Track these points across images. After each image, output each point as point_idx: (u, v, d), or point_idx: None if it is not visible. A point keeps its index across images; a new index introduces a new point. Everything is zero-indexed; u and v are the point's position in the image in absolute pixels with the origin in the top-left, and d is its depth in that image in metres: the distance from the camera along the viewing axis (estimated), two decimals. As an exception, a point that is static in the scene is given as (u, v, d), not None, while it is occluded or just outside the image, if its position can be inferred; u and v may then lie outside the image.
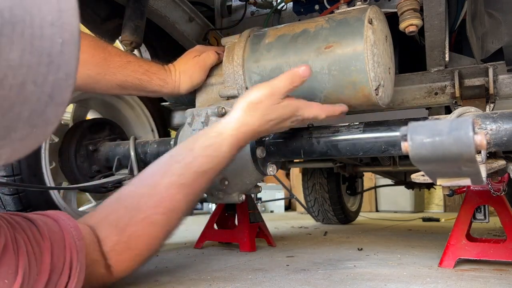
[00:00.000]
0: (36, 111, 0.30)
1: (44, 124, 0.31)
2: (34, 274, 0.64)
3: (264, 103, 0.89)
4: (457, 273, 1.06)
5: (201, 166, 0.87)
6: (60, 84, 0.31)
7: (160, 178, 0.87)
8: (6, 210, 1.17)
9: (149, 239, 0.85)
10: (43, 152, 1.22)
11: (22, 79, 0.29)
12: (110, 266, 0.83)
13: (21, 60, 0.28)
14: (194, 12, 1.43)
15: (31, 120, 0.30)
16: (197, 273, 1.09)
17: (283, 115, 0.92)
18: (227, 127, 0.89)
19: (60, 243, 0.70)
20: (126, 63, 1.09)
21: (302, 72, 0.88)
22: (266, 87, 0.90)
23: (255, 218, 1.58)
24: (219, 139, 0.88)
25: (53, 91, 0.30)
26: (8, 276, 0.59)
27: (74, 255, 0.71)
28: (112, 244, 0.82)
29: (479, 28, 1.15)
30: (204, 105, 1.19)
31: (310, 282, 0.97)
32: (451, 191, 1.22)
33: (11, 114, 0.29)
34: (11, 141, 0.30)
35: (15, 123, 0.30)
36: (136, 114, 1.62)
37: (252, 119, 0.89)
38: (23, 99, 0.29)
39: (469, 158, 0.47)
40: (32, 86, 0.29)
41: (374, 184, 4.56)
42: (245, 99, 0.90)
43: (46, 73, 0.30)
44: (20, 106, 0.29)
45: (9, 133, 0.30)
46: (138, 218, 0.84)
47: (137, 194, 0.86)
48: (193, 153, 0.88)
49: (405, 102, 1.27)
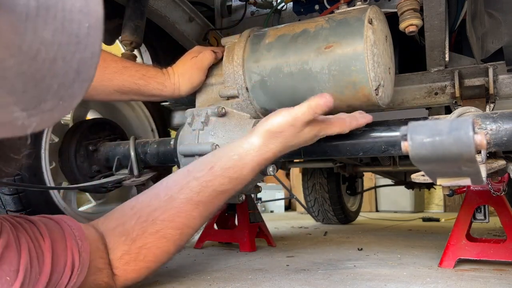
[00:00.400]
0: (64, 84, 0.34)
1: (70, 97, 0.35)
2: (36, 274, 0.64)
3: (285, 133, 0.86)
4: (457, 273, 1.06)
5: (221, 186, 0.86)
6: (86, 62, 0.34)
7: (177, 192, 0.86)
8: (6, 210, 1.17)
9: (159, 252, 0.85)
10: (43, 152, 1.22)
11: (54, 55, 0.32)
12: (115, 275, 0.82)
13: (53, 38, 0.32)
14: (194, 12, 1.43)
15: (59, 93, 0.34)
16: (197, 273, 1.09)
17: (306, 139, 0.89)
18: (249, 153, 0.87)
19: (60, 244, 0.70)
20: (122, 68, 1.09)
21: (324, 103, 0.83)
22: (287, 116, 0.85)
23: (255, 218, 1.58)
24: (241, 163, 0.87)
25: (79, 67, 0.34)
26: (10, 274, 0.60)
27: (76, 256, 0.72)
28: (121, 253, 0.82)
29: (479, 28, 1.15)
30: (204, 105, 1.19)
31: (310, 282, 0.97)
32: (451, 191, 1.22)
33: (42, 86, 0.33)
34: (41, 110, 0.33)
35: (45, 94, 0.33)
36: (136, 114, 1.62)
37: (273, 146, 0.87)
38: (53, 73, 0.33)
39: (469, 158, 0.47)
40: (62, 62, 0.33)
41: (374, 184, 4.56)
42: (265, 127, 0.87)
43: (74, 51, 0.33)
44: (50, 79, 0.33)
45: (39, 103, 0.33)
46: (152, 231, 0.83)
47: (152, 206, 0.86)
48: (213, 172, 0.86)
49: (405, 102, 1.27)
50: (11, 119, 0.32)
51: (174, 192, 0.86)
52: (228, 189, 0.88)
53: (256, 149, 0.87)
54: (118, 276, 0.83)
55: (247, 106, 1.12)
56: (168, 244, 0.85)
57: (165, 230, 0.84)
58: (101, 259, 0.79)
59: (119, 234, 0.83)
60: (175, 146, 1.16)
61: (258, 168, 0.88)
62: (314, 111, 0.84)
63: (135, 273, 0.84)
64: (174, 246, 0.87)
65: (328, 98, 0.83)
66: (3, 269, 0.59)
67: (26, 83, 0.32)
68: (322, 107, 0.83)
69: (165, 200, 0.85)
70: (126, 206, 0.89)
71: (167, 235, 0.84)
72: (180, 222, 0.85)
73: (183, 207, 0.85)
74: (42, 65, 0.32)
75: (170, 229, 0.84)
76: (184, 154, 1.11)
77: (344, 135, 1.01)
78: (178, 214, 0.85)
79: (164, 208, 0.85)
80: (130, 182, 1.27)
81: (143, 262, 0.84)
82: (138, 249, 0.83)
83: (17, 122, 0.32)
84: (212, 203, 0.88)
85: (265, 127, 0.87)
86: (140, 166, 1.30)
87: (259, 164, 0.88)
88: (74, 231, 0.74)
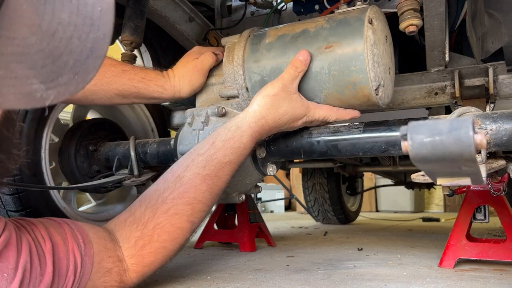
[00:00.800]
0: (79, 61, 0.37)
1: (84, 73, 0.38)
2: (39, 275, 0.64)
3: (279, 95, 0.95)
4: (457, 273, 1.06)
5: (225, 157, 0.91)
6: (98, 41, 0.38)
7: (183, 171, 0.89)
8: (6, 210, 1.17)
9: (173, 229, 0.85)
10: (43, 152, 1.22)
11: (70, 34, 0.36)
12: (128, 269, 0.82)
13: (69, 19, 0.36)
14: (194, 12, 1.43)
15: (74, 68, 0.37)
16: (197, 273, 1.09)
17: (296, 109, 0.97)
18: (245, 121, 0.94)
19: (63, 248, 0.70)
20: (121, 72, 1.09)
21: (301, 56, 0.96)
22: (278, 81, 0.97)
23: (255, 218, 1.58)
24: (239, 132, 0.92)
25: (93, 46, 0.38)
26: (8, 271, 0.60)
27: (78, 259, 0.71)
28: (135, 239, 0.83)
29: (479, 28, 1.15)
30: (204, 105, 1.19)
31: (310, 282, 0.97)
32: (451, 191, 1.22)
33: (59, 62, 0.36)
34: (58, 84, 0.36)
35: (62, 70, 0.36)
36: (136, 114, 1.62)
37: (267, 113, 0.95)
38: (69, 51, 0.36)
39: (469, 158, 0.47)
40: (77, 40, 0.37)
41: (374, 184, 4.56)
42: (261, 94, 0.97)
43: (88, 32, 0.37)
44: (67, 56, 0.36)
45: (57, 77, 0.36)
46: (163, 210, 0.85)
47: (161, 189, 0.88)
48: (215, 146, 0.91)
49: (405, 102, 1.27)
50: (31, 90, 0.35)
51: (181, 171, 0.89)
52: (232, 159, 0.92)
53: (251, 116, 0.94)
54: (134, 264, 0.82)
55: (247, 106, 1.11)
56: (181, 219, 0.86)
57: (176, 207, 0.86)
58: (109, 258, 0.78)
59: (130, 224, 0.84)
60: (175, 146, 1.16)
61: (256, 135, 0.95)
62: (296, 67, 0.96)
63: (152, 255, 0.84)
64: (188, 222, 0.87)
65: (304, 53, 0.96)
66: (0, 266, 0.60)
67: (45, 59, 0.35)
68: (301, 62, 0.96)
69: (173, 180, 0.88)
70: (136, 200, 0.90)
71: (178, 211, 0.86)
72: (190, 197, 0.87)
73: (191, 183, 0.87)
74: (60, 43, 0.36)
75: (181, 205, 0.86)
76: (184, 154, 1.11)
77: (344, 135, 1.01)
78: (187, 190, 0.87)
79: (173, 188, 0.87)
80: (130, 182, 1.27)
81: (158, 242, 0.84)
82: (151, 231, 0.84)
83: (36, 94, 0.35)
84: (218, 176, 0.91)
85: (260, 94, 0.97)
86: (140, 166, 1.30)
87: (255, 131, 0.94)
88: (77, 234, 0.74)
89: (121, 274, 0.80)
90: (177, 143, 1.14)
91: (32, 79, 0.35)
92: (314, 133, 1.05)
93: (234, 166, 0.94)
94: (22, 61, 0.34)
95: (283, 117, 0.96)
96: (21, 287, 0.61)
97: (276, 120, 0.96)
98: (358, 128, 1.00)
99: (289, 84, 0.96)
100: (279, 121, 0.96)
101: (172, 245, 0.86)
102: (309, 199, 2.88)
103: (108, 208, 1.58)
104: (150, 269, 0.85)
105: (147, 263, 0.84)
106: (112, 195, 1.60)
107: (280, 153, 1.09)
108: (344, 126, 1.03)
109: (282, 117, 0.96)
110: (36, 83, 0.35)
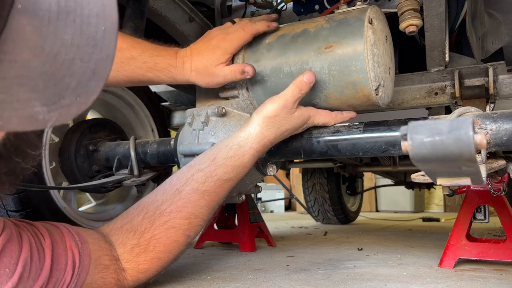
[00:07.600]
0: (82, 82, 0.37)
1: (87, 94, 0.37)
2: (37, 269, 0.66)
3: (279, 116, 0.95)
4: (457, 273, 1.06)
5: (225, 174, 0.91)
6: (101, 62, 0.37)
7: (182, 185, 0.89)
8: (6, 210, 1.17)
9: (169, 242, 0.86)
10: (43, 152, 1.22)
11: (72, 56, 0.35)
12: (126, 269, 0.83)
13: (72, 40, 0.35)
14: (194, 12, 1.43)
15: (77, 90, 0.36)
16: (197, 273, 1.09)
17: (297, 124, 0.98)
18: (248, 141, 0.94)
19: (61, 244, 0.73)
20: (129, 58, 0.99)
21: (306, 78, 0.94)
22: (279, 100, 0.95)
23: (255, 218, 1.58)
24: (241, 151, 0.93)
25: (95, 67, 0.37)
26: (10, 266, 0.62)
27: (76, 255, 0.74)
28: (131, 246, 0.84)
29: (479, 28, 1.15)
30: (204, 105, 1.19)
31: (310, 282, 0.97)
32: (451, 191, 1.22)
33: (61, 84, 0.35)
34: (60, 106, 0.36)
35: (64, 92, 0.36)
36: (136, 114, 1.61)
37: (269, 132, 0.95)
38: (72, 72, 0.36)
39: (469, 158, 0.47)
40: (80, 62, 0.36)
41: (374, 184, 4.56)
42: (261, 114, 0.95)
43: (91, 53, 0.36)
44: (69, 78, 0.36)
45: (59, 99, 0.36)
46: (160, 222, 0.85)
47: (159, 201, 0.88)
48: (215, 163, 0.91)
49: (405, 102, 1.27)
50: (33, 113, 0.34)
51: (180, 185, 0.89)
52: (231, 177, 0.92)
53: (253, 137, 0.94)
54: (130, 268, 0.84)
55: (247, 106, 1.12)
56: (177, 233, 0.87)
57: (173, 221, 0.86)
58: (106, 256, 0.80)
59: (127, 231, 0.85)
60: (175, 146, 1.16)
61: (257, 154, 0.95)
62: (299, 88, 0.94)
63: (146, 264, 0.85)
64: (184, 236, 0.88)
65: (310, 75, 0.94)
66: (3, 261, 0.62)
67: (47, 81, 0.35)
68: (306, 84, 0.94)
69: (172, 193, 0.88)
70: (132, 207, 0.91)
71: (175, 225, 0.86)
72: (188, 212, 0.87)
73: (190, 198, 0.88)
74: (62, 65, 0.35)
75: (178, 219, 0.86)
76: (184, 154, 1.11)
77: (344, 135, 1.01)
78: (185, 205, 0.87)
79: (171, 201, 0.87)
80: (130, 182, 1.27)
81: (153, 252, 0.85)
82: (148, 241, 0.84)
83: (38, 116, 0.35)
84: (217, 192, 0.91)
85: (260, 115, 0.95)
86: (140, 166, 1.30)
87: (257, 151, 0.95)
88: (74, 234, 0.77)
89: (118, 273, 0.82)
90: (177, 143, 1.15)
91: (34, 102, 0.34)
92: (314, 133, 1.05)
93: (233, 183, 0.94)
94: (24, 84, 0.33)
95: (284, 133, 0.98)
96: (21, 281, 0.63)
97: (277, 137, 0.97)
98: (358, 128, 1.00)
99: (290, 104, 0.95)
100: (280, 136, 0.98)
101: (167, 256, 0.87)
102: (309, 199, 2.88)
103: (108, 208, 1.58)
104: (145, 276, 0.87)
105: (142, 270, 0.85)
106: (112, 195, 1.60)
107: (280, 153, 1.09)
108: (344, 126, 1.03)
109: (283, 133, 0.97)
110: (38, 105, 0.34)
